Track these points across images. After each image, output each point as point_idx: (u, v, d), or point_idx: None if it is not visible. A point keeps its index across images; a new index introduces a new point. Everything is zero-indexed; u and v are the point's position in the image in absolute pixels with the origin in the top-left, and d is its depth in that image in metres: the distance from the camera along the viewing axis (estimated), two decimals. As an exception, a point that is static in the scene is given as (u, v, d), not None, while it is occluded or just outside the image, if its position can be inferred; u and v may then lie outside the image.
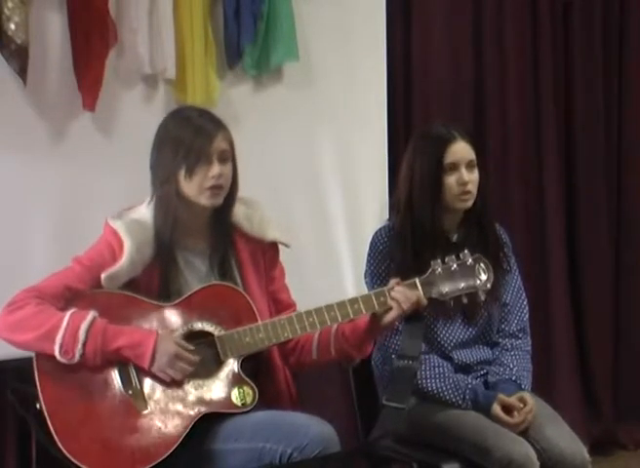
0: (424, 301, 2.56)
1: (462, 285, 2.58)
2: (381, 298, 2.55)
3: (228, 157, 2.56)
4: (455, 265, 2.59)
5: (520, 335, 2.99)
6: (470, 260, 2.60)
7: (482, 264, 2.61)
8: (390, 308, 2.54)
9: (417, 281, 2.57)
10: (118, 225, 2.54)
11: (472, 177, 2.87)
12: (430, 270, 2.59)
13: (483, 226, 2.95)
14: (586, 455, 2.76)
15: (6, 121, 3.12)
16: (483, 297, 2.65)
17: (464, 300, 2.62)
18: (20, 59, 3.02)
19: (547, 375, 4.25)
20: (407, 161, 2.93)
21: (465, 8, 4.16)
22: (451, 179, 2.85)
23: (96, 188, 3.25)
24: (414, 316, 2.57)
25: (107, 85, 3.20)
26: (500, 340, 2.98)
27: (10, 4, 2.97)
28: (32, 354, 2.47)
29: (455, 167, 2.85)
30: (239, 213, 2.65)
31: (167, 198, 2.54)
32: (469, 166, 2.87)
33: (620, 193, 4.58)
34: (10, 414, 3.21)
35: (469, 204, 2.88)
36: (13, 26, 2.99)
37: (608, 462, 4.23)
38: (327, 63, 3.69)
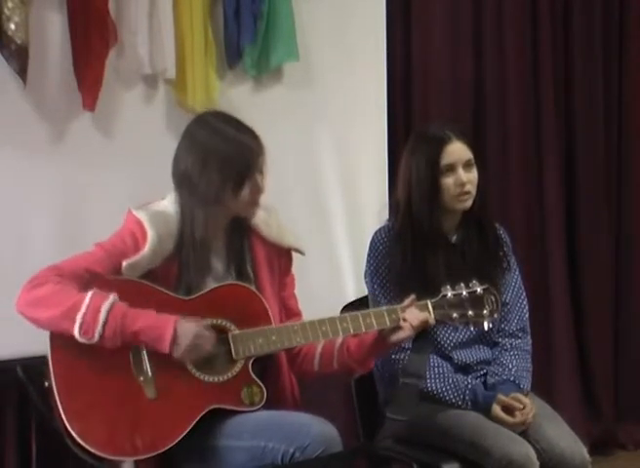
0: (433, 322, 2.58)
1: (470, 313, 2.61)
2: (393, 316, 2.57)
3: (264, 168, 2.59)
4: (464, 293, 2.62)
5: (520, 335, 2.98)
6: (479, 290, 2.63)
7: (491, 296, 2.63)
8: (400, 327, 2.56)
9: (429, 303, 2.60)
10: (142, 215, 2.53)
11: (470, 177, 2.86)
12: (441, 295, 2.61)
13: (482, 226, 2.94)
14: (586, 455, 2.76)
15: (6, 121, 3.12)
16: (487, 328, 2.66)
17: (471, 328, 2.65)
18: (20, 59, 3.02)
19: (547, 375, 4.25)
20: (405, 162, 2.93)
21: (465, 8, 4.17)
22: (448, 181, 2.85)
23: (96, 188, 3.25)
24: (421, 334, 2.59)
25: (107, 85, 3.20)
26: (500, 340, 2.98)
27: (10, 4, 2.97)
28: (39, 353, 2.46)
29: (452, 168, 2.85)
30: (258, 217, 2.66)
31: (206, 209, 2.53)
32: (467, 166, 2.87)
33: (621, 193, 4.58)
34: (10, 414, 3.22)
35: (468, 204, 2.88)
36: (13, 26, 2.99)
37: (608, 462, 4.23)
38: (327, 63, 3.69)
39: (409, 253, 2.85)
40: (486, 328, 2.65)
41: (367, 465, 3.08)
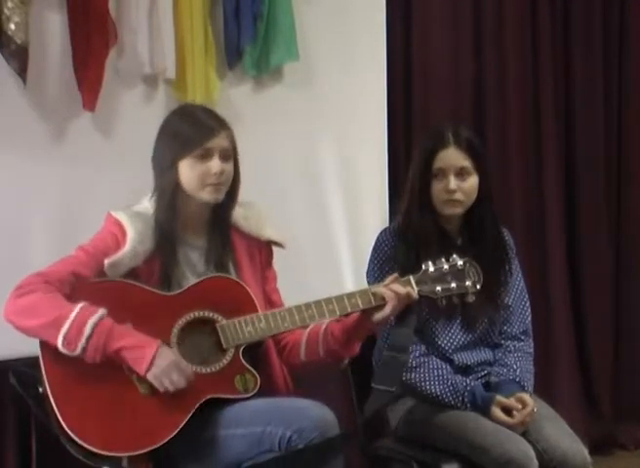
0: (415, 296, 2.58)
1: (453, 285, 2.62)
2: (377, 293, 2.57)
3: (230, 155, 2.61)
4: (445, 266, 2.62)
5: (522, 338, 2.98)
6: (460, 263, 2.63)
7: (472, 268, 2.63)
8: (383, 305, 2.56)
9: (411, 278, 2.60)
10: (121, 216, 2.58)
11: (463, 186, 2.85)
12: (423, 270, 2.62)
13: (487, 229, 2.93)
14: (588, 457, 2.75)
15: (6, 121, 3.12)
16: (471, 300, 2.66)
17: (455, 300, 2.64)
18: (19, 59, 3.02)
19: (547, 376, 4.24)
20: (411, 162, 2.94)
21: (465, 8, 4.17)
22: (438, 186, 2.85)
23: (95, 188, 3.25)
24: (405, 310, 2.60)
25: (107, 85, 3.20)
26: (503, 342, 2.97)
27: (10, 4, 2.97)
28: (35, 353, 2.46)
29: (443, 173, 2.85)
30: (237, 213, 2.69)
31: (166, 188, 2.57)
32: (460, 173, 2.85)
33: (620, 193, 4.58)
34: (10, 414, 3.22)
35: (456, 211, 2.87)
36: (13, 26, 2.99)
37: (608, 462, 4.23)
38: (327, 63, 3.69)
39: (412, 254, 2.84)
40: (470, 300, 2.65)
41: (367, 465, 3.08)
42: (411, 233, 2.87)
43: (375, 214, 3.76)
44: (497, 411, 2.78)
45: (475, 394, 2.82)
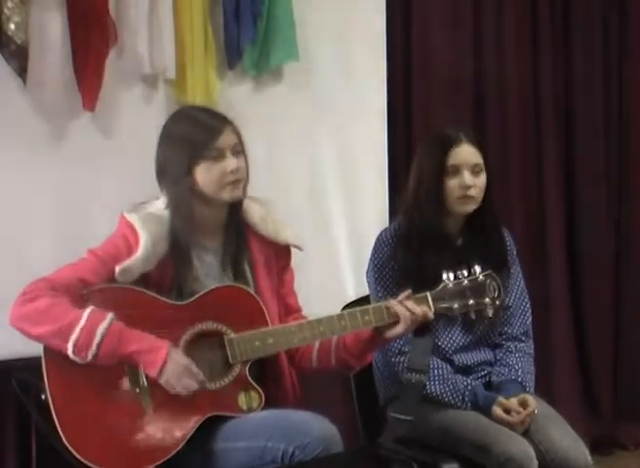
0: (431, 316, 2.55)
1: (472, 301, 2.59)
2: (392, 311, 2.54)
3: (240, 150, 2.56)
4: (466, 281, 2.59)
5: (523, 339, 2.97)
6: (481, 277, 2.60)
7: (493, 282, 2.61)
8: (397, 322, 2.53)
9: (428, 295, 2.57)
10: (134, 218, 2.51)
11: (477, 182, 2.84)
12: (442, 285, 2.58)
13: (487, 230, 2.93)
14: (589, 458, 2.75)
15: (6, 121, 3.12)
16: (491, 314, 2.64)
17: (472, 316, 2.62)
18: (20, 59, 3.02)
19: (547, 375, 4.24)
20: (415, 162, 2.92)
21: (465, 8, 4.17)
22: (453, 182, 2.83)
23: (95, 188, 3.25)
24: (422, 329, 2.57)
25: (107, 85, 3.20)
26: (504, 343, 2.97)
27: (10, 4, 2.98)
28: (37, 354, 2.44)
29: (457, 170, 2.83)
30: (254, 213, 2.64)
31: (181, 198, 2.52)
32: (474, 170, 2.84)
33: (621, 193, 4.58)
34: (10, 414, 3.21)
35: (470, 208, 2.86)
36: (13, 26, 2.99)
37: (608, 462, 4.23)
38: (327, 63, 3.69)
39: (413, 254, 2.83)
40: (490, 314, 2.62)
41: (367, 465, 3.08)
42: (411, 233, 2.86)
43: (375, 214, 3.76)
44: (497, 410, 2.78)
45: (477, 394, 2.82)
